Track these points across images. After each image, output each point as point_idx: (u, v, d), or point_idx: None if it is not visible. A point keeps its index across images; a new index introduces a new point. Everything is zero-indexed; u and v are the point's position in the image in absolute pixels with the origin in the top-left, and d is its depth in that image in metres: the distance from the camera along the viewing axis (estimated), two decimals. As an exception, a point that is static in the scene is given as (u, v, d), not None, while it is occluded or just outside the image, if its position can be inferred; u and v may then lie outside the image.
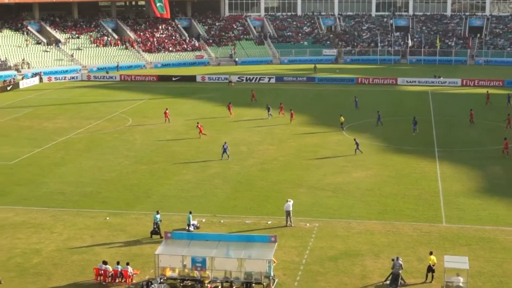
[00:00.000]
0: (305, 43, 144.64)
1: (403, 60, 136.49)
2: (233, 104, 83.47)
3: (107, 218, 45.85)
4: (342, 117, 73.71)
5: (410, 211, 47.00)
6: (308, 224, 44.38)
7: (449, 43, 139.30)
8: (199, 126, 70.49)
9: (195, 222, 43.54)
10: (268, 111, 79.62)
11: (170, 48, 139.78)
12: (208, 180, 54.59)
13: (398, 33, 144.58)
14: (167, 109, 79.77)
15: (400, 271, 35.34)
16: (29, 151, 64.91)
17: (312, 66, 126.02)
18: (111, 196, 50.95)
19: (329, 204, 48.54)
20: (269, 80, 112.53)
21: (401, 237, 42.20)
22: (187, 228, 42.70)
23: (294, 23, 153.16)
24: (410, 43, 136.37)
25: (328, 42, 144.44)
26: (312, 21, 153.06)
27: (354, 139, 63.18)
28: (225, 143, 61.98)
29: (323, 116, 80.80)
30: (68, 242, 41.78)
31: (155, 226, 42.35)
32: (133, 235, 42.73)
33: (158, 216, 42.71)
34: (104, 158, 62.14)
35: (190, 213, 43.43)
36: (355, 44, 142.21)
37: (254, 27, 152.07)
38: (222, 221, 45.12)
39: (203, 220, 44.68)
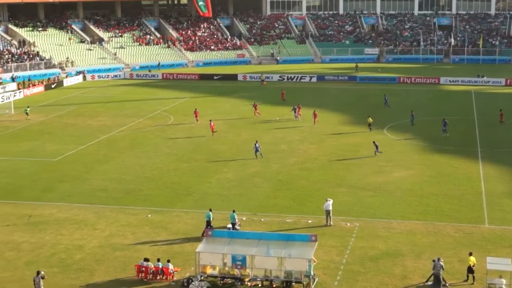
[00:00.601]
0: (347, 42, 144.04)
1: (445, 59, 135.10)
2: (272, 103, 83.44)
3: (149, 216, 46.19)
4: (369, 118, 72.83)
5: (452, 211, 46.55)
6: (348, 224, 44.21)
7: (493, 42, 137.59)
8: (211, 124, 71.44)
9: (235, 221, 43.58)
10: (295, 112, 78.78)
11: (212, 47, 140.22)
12: (249, 179, 54.67)
13: (440, 32, 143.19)
14: (196, 109, 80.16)
15: (441, 272, 35.04)
16: (73, 148, 65.67)
17: (353, 65, 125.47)
18: (153, 193, 51.31)
19: (370, 203, 48.30)
20: (310, 79, 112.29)
21: (443, 238, 41.82)
22: (230, 226, 42.56)
23: (336, 22, 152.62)
24: (453, 42, 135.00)
25: (370, 41, 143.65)
26: (354, 20, 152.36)
27: (373, 142, 62.14)
28: (256, 142, 61.88)
29: (364, 115, 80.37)
30: (110, 238, 42.19)
31: (209, 224, 42.23)
32: (174, 233, 42.98)
33: (210, 213, 42.73)
34: (146, 155, 62.61)
35: (234, 212, 43.33)
36: (397, 43, 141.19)
37: (296, 26, 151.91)
38: (262, 219, 45.16)
39: (244, 219, 44.76)
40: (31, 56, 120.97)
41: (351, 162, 59.51)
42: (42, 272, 34.45)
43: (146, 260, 36.61)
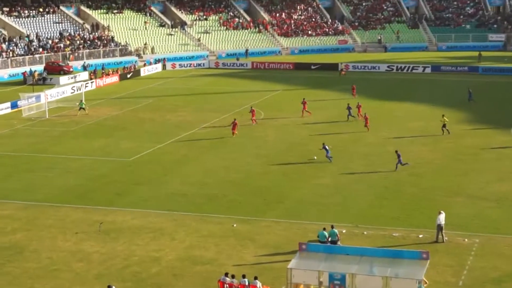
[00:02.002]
0: (468, 26, 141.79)
1: None
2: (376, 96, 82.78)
3: (234, 225, 46.49)
4: (445, 118, 70.11)
5: None
6: (466, 240, 43.50)
7: None
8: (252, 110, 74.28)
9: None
10: (349, 112, 76.48)
11: (309, 32, 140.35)
12: (350, 185, 54.44)
13: None
14: (304, 98, 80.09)
15: None
16: (150, 147, 66.74)
17: (475, 53, 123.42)
18: (239, 200, 51.64)
19: (493, 216, 47.42)
20: (423, 70, 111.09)
21: None
22: (328, 240, 42.06)
23: (455, 2, 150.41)
24: None
25: (495, 26, 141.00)
26: (477, 1, 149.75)
27: (396, 151, 58.91)
28: (324, 144, 61.10)
29: (486, 113, 79.01)
30: (190, 250, 42.63)
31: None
32: (262, 245, 43.13)
33: (325, 233, 42.17)
34: (232, 156, 63.08)
35: (333, 227, 42.79)
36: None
37: (407, 8, 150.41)
38: (365, 232, 44.89)
39: (343, 231, 44.59)
40: (105, 41, 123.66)
41: (470, 167, 58.56)
42: (114, 287, 35.08)
43: (231, 276, 36.83)
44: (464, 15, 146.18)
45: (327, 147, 60.63)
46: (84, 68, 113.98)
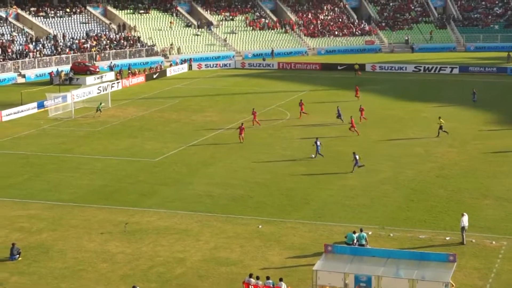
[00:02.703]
0: (496, 27, 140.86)
1: None
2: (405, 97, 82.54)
3: (260, 227, 46.48)
4: (441, 120, 69.52)
5: None
6: (494, 242, 43.22)
7: None
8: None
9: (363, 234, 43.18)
10: (338, 113, 75.72)
11: (336, 32, 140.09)
12: (377, 186, 54.26)
13: None
14: (301, 100, 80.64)
15: None
16: (175, 147, 66.88)
17: (504, 54, 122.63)
18: (265, 201, 51.62)
19: (521, 219, 47.16)
20: (451, 71, 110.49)
21: None
22: (355, 242, 41.86)
23: (483, 2, 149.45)
24: None
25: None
26: (505, 1, 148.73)
27: (353, 153, 58.58)
28: (317, 139, 62.70)
29: (516, 114, 78.67)
30: (215, 251, 42.67)
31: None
32: (288, 247, 43.08)
33: (354, 235, 41.93)
34: (258, 157, 63.07)
35: (361, 230, 42.58)
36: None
37: (435, 8, 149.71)
38: (391, 234, 44.73)
39: (370, 233, 44.42)
40: (131, 42, 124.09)
41: (498, 169, 58.18)
42: (138, 288, 35.23)
43: (256, 277, 36.80)
44: (492, 15, 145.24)
45: (318, 142, 62.10)
46: (111, 68, 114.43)
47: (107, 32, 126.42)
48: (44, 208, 50.47)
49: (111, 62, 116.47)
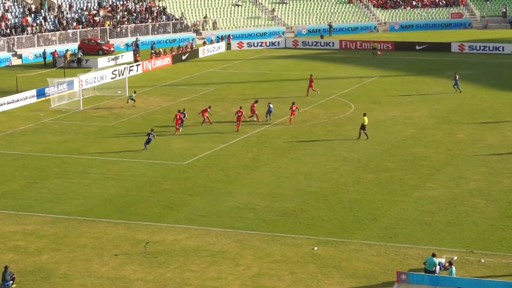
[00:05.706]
0: None
1: None
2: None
3: (315, 248, 46.53)
4: (365, 118, 69.78)
5: None
6: None
7: None
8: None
9: (443, 260, 43.21)
10: (269, 113, 76.11)
11: (414, 3, 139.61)
12: (464, 199, 54.03)
13: None
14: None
15: None
16: (209, 148, 67.11)
17: None
18: (322, 216, 51.64)
19: None
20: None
21: None
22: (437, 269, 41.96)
23: None
24: None
25: None
26: None
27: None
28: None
29: None
30: (258, 279, 42.77)
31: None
32: (351, 275, 43.09)
33: (435, 260, 42.02)
34: (313, 160, 63.13)
35: (434, 256, 42.63)
36: None
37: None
38: (482, 260, 44.55)
39: (454, 258, 44.33)
40: (155, 14, 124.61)
41: None
42: (162, 324, 35.55)
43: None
44: None
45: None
46: (128, 47, 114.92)
47: (124, 1, 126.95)
48: (45, 223, 50.88)
49: (137, 38, 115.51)
